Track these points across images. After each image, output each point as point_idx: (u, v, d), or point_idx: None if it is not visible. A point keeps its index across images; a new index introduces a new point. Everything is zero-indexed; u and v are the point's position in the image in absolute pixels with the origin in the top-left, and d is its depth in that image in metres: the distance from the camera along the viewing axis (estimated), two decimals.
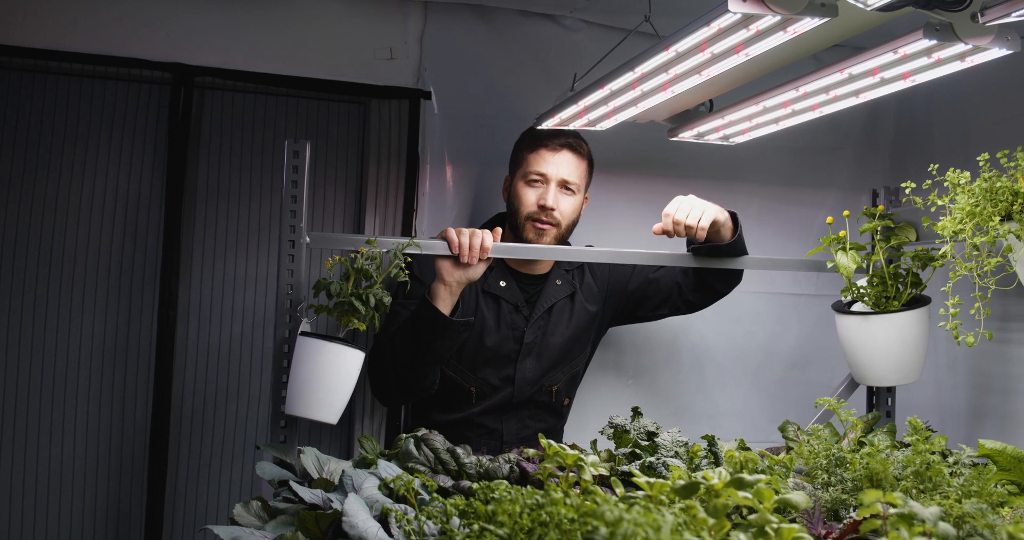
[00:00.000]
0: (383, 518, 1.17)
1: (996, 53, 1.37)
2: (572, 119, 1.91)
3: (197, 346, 2.23)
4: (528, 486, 1.08)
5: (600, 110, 1.83)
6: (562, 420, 2.22)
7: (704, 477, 1.03)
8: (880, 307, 1.89)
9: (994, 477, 1.48)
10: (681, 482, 0.99)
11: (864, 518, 0.98)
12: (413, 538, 1.10)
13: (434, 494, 1.20)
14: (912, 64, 1.45)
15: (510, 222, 2.09)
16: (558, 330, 2.11)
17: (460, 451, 1.47)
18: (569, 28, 2.44)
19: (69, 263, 2.15)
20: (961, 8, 1.29)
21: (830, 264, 1.92)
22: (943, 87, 1.78)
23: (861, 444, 1.61)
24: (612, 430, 1.71)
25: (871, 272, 1.92)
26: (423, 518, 1.12)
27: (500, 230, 1.90)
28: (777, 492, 1.00)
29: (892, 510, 0.93)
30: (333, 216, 2.34)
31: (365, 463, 1.50)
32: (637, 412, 1.75)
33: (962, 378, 2.39)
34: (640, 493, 1.07)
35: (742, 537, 0.90)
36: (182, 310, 2.21)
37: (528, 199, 2.03)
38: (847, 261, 1.88)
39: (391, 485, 1.25)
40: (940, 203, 1.66)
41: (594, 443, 1.77)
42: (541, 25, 2.42)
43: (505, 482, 1.09)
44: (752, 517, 0.96)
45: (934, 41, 1.32)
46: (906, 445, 1.59)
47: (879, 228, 1.94)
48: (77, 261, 2.15)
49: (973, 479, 1.36)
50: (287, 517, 1.25)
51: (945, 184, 1.65)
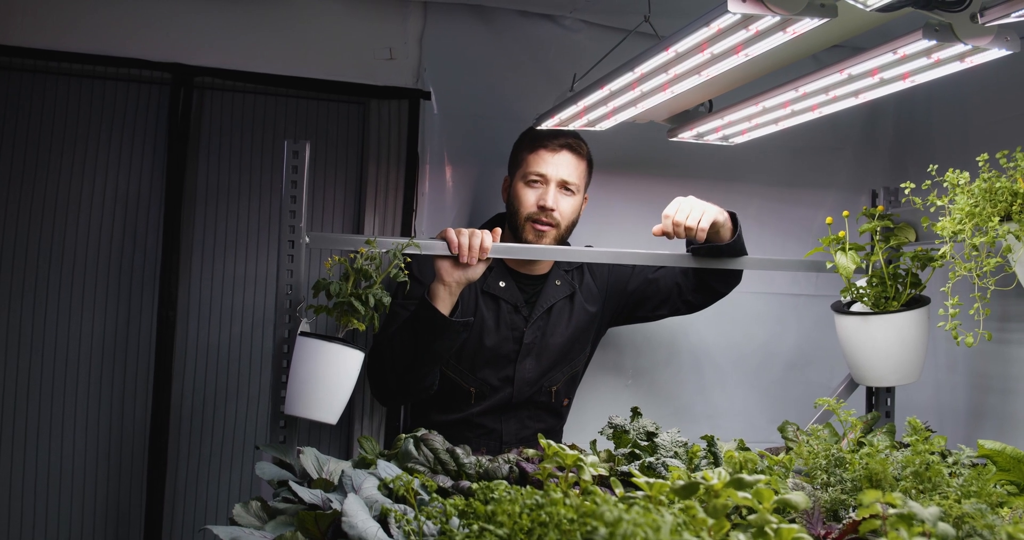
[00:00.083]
0: (383, 518, 1.17)
1: (995, 54, 1.37)
2: (572, 119, 1.91)
3: (197, 346, 2.23)
4: (527, 486, 1.08)
5: (600, 110, 1.83)
6: (561, 420, 2.22)
7: (703, 477, 1.02)
8: (879, 307, 1.89)
9: (993, 477, 1.48)
10: (680, 482, 0.99)
11: (863, 518, 0.98)
12: (413, 538, 1.10)
13: (434, 494, 1.20)
14: (911, 64, 1.45)
15: (510, 223, 2.09)
16: (557, 330, 2.11)
17: (459, 451, 1.47)
18: (569, 28, 2.44)
19: (68, 263, 2.15)
20: (960, 9, 1.29)
21: (829, 264, 1.92)
22: (942, 87, 1.77)
23: (860, 444, 1.61)
24: (611, 430, 1.71)
25: (870, 272, 1.92)
26: (423, 518, 1.12)
27: (500, 230, 1.90)
28: (776, 492, 1.00)
29: (891, 510, 0.93)
30: (333, 216, 2.34)
31: (364, 463, 1.50)
32: (636, 412, 1.75)
33: (961, 378, 2.39)
34: (639, 493, 1.07)
35: (741, 537, 0.90)
36: (181, 310, 2.21)
37: (528, 200, 2.03)
38: (846, 261, 1.88)
39: (390, 485, 1.25)
40: (939, 203, 1.66)
41: (593, 443, 1.77)
42: (541, 25, 2.42)
43: (505, 482, 1.09)
44: (751, 517, 0.96)
45: (933, 42, 1.32)
46: (905, 445, 1.59)
47: (878, 228, 1.94)
48: (76, 261, 2.15)
49: (972, 479, 1.36)
50: (286, 517, 1.25)
51: (944, 184, 1.65)
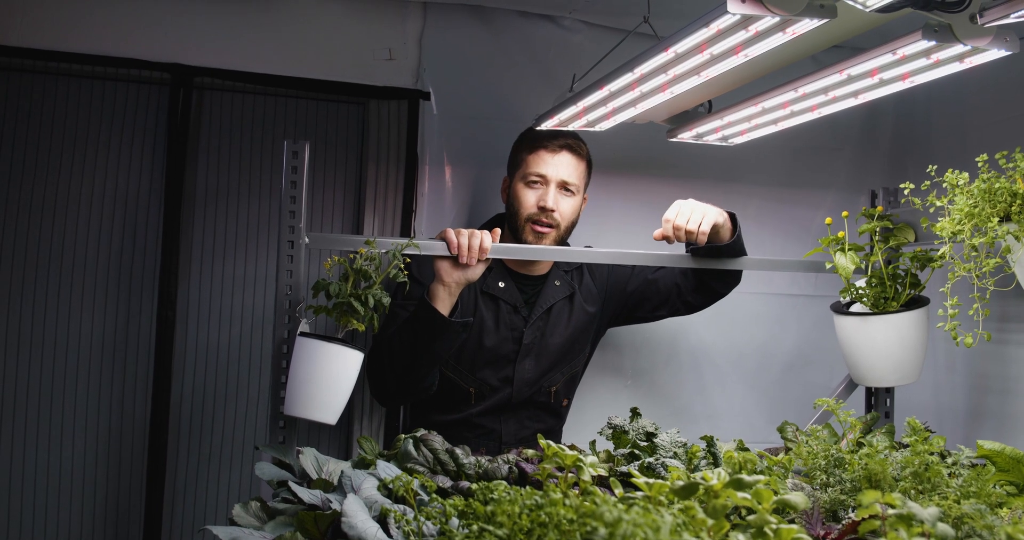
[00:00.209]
0: (382, 519, 1.17)
1: (995, 54, 1.37)
2: (571, 120, 1.91)
3: (196, 346, 2.23)
4: (527, 487, 1.08)
5: (599, 111, 1.83)
6: (561, 421, 2.22)
7: (703, 478, 1.02)
8: (879, 308, 1.89)
9: (992, 478, 1.48)
10: (680, 483, 0.99)
11: (863, 519, 0.98)
12: (412, 539, 1.10)
13: (433, 495, 1.20)
14: (911, 65, 1.45)
15: (509, 223, 2.09)
16: (557, 331, 2.11)
17: (459, 452, 1.47)
18: (568, 29, 2.44)
19: (68, 263, 2.15)
20: (960, 9, 1.29)
21: (829, 265, 1.92)
22: (942, 88, 1.78)
23: (860, 445, 1.61)
24: (611, 431, 1.71)
25: (870, 273, 1.92)
26: (422, 519, 1.12)
27: (499, 231, 1.90)
28: (776, 493, 1.00)
29: (891, 511, 0.93)
30: (332, 217, 2.34)
31: (364, 464, 1.50)
32: (636, 413, 1.75)
33: (961, 379, 2.39)
34: (639, 494, 1.07)
35: (741, 538, 0.90)
36: (181, 310, 2.21)
37: (528, 200, 2.03)
38: (846, 262, 1.88)
39: (390, 486, 1.25)
40: (939, 204, 1.66)
41: (593, 444, 1.77)
42: (540, 26, 2.42)
43: (504, 483, 1.09)
44: (751, 518, 0.96)
45: (933, 42, 1.32)
46: (905, 446, 1.59)
47: (878, 229, 1.94)
48: (76, 261, 2.15)
49: (972, 480, 1.36)
50: (286, 518, 1.25)
51: (944, 185, 1.65)
